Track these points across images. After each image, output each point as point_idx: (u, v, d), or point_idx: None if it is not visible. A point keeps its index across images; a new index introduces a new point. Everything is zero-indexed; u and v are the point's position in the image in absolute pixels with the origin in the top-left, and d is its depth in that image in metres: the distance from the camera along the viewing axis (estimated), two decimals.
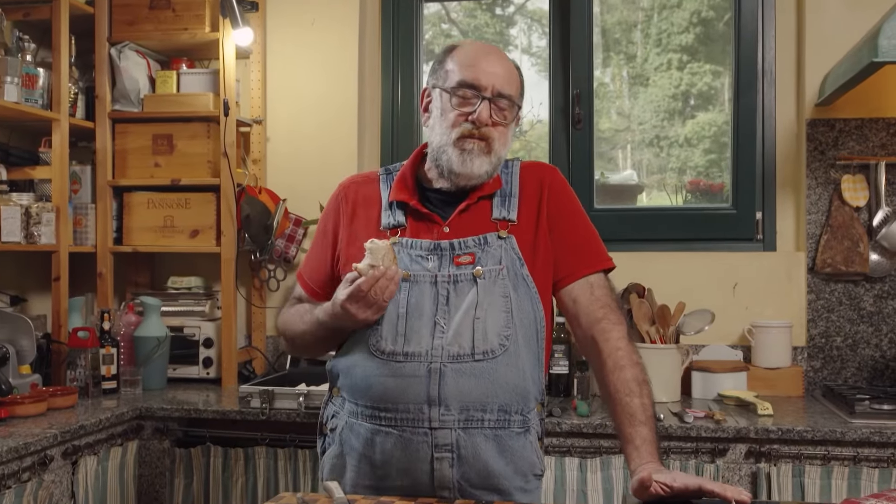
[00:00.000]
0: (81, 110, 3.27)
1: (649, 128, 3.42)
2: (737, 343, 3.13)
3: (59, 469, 2.43)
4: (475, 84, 1.75)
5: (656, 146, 3.44)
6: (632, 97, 3.45)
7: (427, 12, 3.64)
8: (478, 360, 1.71)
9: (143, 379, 3.07)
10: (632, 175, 3.51)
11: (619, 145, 3.50)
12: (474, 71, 1.76)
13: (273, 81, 3.47)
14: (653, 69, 3.40)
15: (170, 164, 3.26)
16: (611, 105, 3.49)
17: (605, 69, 3.50)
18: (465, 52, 1.80)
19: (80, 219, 3.25)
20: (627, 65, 3.46)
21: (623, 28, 3.44)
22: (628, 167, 3.51)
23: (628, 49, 3.46)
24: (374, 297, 1.64)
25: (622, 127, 3.47)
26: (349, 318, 1.69)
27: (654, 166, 3.45)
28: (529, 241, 1.81)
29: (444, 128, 1.78)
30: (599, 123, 3.46)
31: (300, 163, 3.43)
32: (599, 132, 3.46)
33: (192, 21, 3.21)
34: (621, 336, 1.75)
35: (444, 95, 1.79)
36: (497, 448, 1.73)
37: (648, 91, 3.41)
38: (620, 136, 3.47)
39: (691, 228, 3.27)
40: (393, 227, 1.83)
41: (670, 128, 3.40)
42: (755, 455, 2.49)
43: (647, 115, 3.41)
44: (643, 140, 3.46)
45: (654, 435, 1.63)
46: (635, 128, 3.45)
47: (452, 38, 3.65)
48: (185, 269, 3.45)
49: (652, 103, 3.41)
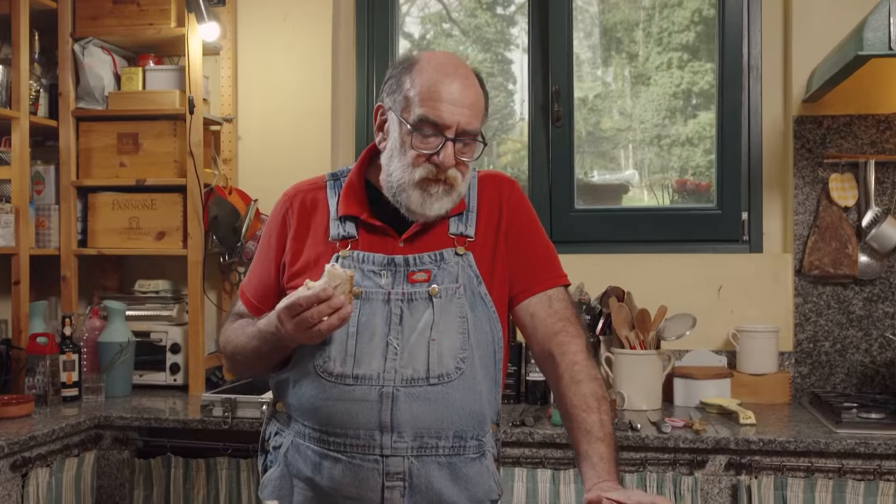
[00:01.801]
0: (45, 108, 3.16)
1: (650, 127, 3.33)
2: (721, 348, 3.02)
3: (8, 482, 2.33)
4: (437, 122, 1.60)
5: (657, 145, 3.35)
6: (633, 96, 3.36)
7: (428, 12, 3.54)
8: (433, 385, 1.60)
9: (107, 386, 2.96)
10: (633, 175, 3.41)
11: (620, 145, 3.40)
12: (436, 107, 1.59)
13: (244, 78, 3.36)
14: (654, 68, 3.32)
15: (135, 164, 3.15)
16: (612, 104, 3.40)
17: (607, 69, 3.44)
18: (426, 76, 1.62)
19: (42, 220, 3.15)
20: (629, 64, 3.37)
21: (625, 27, 3.37)
22: (630, 167, 3.42)
23: (630, 48, 3.37)
24: (310, 319, 1.50)
25: (624, 126, 3.38)
26: (285, 335, 1.56)
27: (655, 166, 3.36)
28: (487, 258, 1.71)
29: (404, 165, 1.63)
30: (601, 123, 3.40)
31: (272, 162, 3.32)
32: (601, 132, 3.39)
33: (157, 16, 3.11)
34: (579, 349, 1.65)
35: (402, 127, 1.63)
36: (451, 476, 1.63)
37: (650, 90, 3.33)
38: (622, 135, 3.39)
39: (675, 229, 3.17)
40: (343, 238, 1.71)
41: (672, 127, 3.30)
42: (735, 467, 2.39)
43: (649, 115, 3.34)
44: (644, 139, 3.36)
45: (613, 452, 1.53)
46: (637, 127, 3.36)
47: (454, 38, 3.56)
48: (153, 272, 3.34)
49: (653, 102, 3.34)
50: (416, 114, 1.61)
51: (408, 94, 1.62)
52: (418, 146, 1.62)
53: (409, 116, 1.62)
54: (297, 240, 1.74)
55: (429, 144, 1.61)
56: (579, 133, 3.34)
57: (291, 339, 1.57)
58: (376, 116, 1.71)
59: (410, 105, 1.62)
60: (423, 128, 1.61)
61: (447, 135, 1.60)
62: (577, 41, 3.39)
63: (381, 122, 1.70)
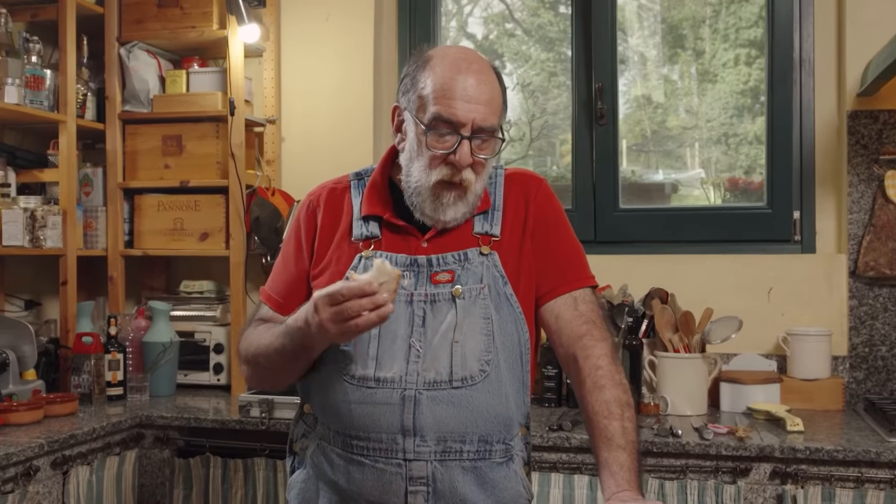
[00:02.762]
0: (92, 111, 3.21)
1: (717, 125, 3.24)
2: (771, 352, 2.92)
3: (49, 480, 2.36)
4: (452, 120, 1.55)
5: (724, 144, 3.26)
6: (700, 94, 3.28)
7: (491, 12, 3.51)
8: (456, 388, 1.56)
9: (151, 385, 3.01)
10: (699, 174, 3.33)
11: (686, 143, 3.32)
12: (450, 104, 1.55)
13: (287, 80, 3.37)
14: (721, 65, 3.23)
15: (179, 166, 3.19)
16: (679, 102, 3.32)
17: (673, 66, 3.36)
18: (440, 72, 1.58)
19: (90, 221, 3.20)
20: (696, 61, 3.29)
21: (690, 24, 3.28)
22: (696, 166, 3.33)
23: (696, 45, 3.28)
24: (349, 311, 1.43)
25: (690, 125, 3.30)
26: (316, 328, 1.48)
27: (722, 164, 3.27)
28: (514, 257, 1.66)
29: (422, 167, 1.60)
30: (668, 121, 3.32)
31: (315, 163, 3.32)
32: (667, 130, 3.32)
33: (199, 19, 3.13)
34: (603, 353, 1.59)
35: (418, 126, 1.59)
36: (476, 481, 1.58)
37: (716, 87, 3.24)
38: (688, 133, 3.31)
39: (723, 229, 3.07)
40: (366, 238, 1.68)
41: (739, 125, 3.20)
42: (781, 476, 2.29)
43: (716, 112, 3.24)
44: (711, 138, 3.27)
45: (635, 461, 1.47)
46: (703, 125, 3.28)
47: (516, 38, 3.52)
48: (198, 272, 3.37)
49: (720, 100, 3.24)
50: (431, 112, 1.57)
51: (422, 93, 1.59)
52: (434, 146, 1.57)
53: (423, 116, 1.58)
54: (322, 239, 1.72)
55: (445, 143, 1.57)
56: (644, 132, 3.28)
57: (322, 333, 1.48)
58: (393, 117, 1.68)
59: (425, 104, 1.58)
60: (438, 126, 1.56)
61: (463, 133, 1.56)
62: (642, 39, 3.32)
63: (398, 122, 1.67)
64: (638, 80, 3.39)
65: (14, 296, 3.26)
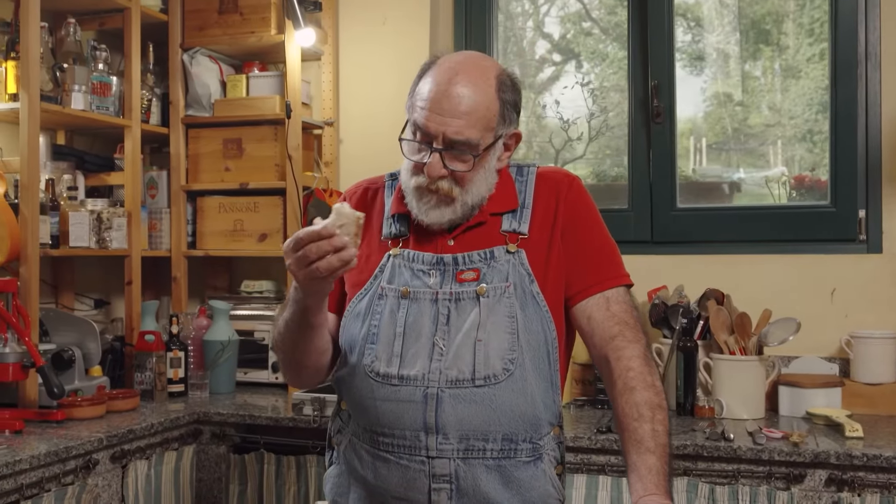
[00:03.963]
0: (157, 116, 3.31)
1: (801, 122, 3.16)
2: (834, 355, 2.83)
3: (108, 473, 2.44)
4: (424, 130, 1.57)
5: (809, 141, 3.17)
6: (783, 90, 3.20)
7: (568, 11, 3.51)
8: (479, 386, 1.56)
9: (211, 383, 3.08)
10: (782, 171, 3.25)
11: (768, 141, 3.25)
12: (424, 114, 1.56)
13: (345, 82, 3.42)
14: (805, 60, 3.15)
15: (239, 168, 3.26)
16: (761, 99, 3.25)
17: (755, 62, 3.29)
18: (428, 80, 1.59)
19: (154, 223, 3.30)
20: (779, 57, 3.21)
21: (774, 19, 3.20)
22: (779, 163, 3.25)
23: (780, 41, 3.21)
24: (309, 255, 1.42)
25: (773, 122, 3.22)
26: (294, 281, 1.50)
27: (806, 162, 3.18)
28: (542, 255, 1.65)
29: (405, 169, 1.64)
30: (750, 118, 3.25)
31: (372, 165, 3.29)
32: (749, 128, 3.25)
33: (258, 24, 3.20)
34: (635, 355, 1.56)
35: (406, 140, 1.62)
36: (500, 479, 1.58)
37: (800, 83, 3.16)
38: (771, 131, 3.23)
39: (784, 228, 2.99)
40: (395, 236, 1.70)
41: (824, 122, 3.11)
42: (837, 483, 2.22)
43: (800, 109, 3.16)
44: (795, 135, 3.19)
45: (665, 465, 1.44)
46: (786, 122, 3.20)
47: (593, 37, 3.50)
48: (258, 272, 3.45)
49: (804, 96, 3.15)
50: (410, 119, 1.60)
51: (413, 99, 1.61)
52: (407, 154, 1.61)
53: (407, 120, 1.61)
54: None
55: (415, 152, 1.60)
56: (725, 130, 3.21)
57: (295, 282, 1.50)
58: None
59: (413, 107, 1.60)
60: (414, 133, 1.59)
61: (434, 145, 1.57)
62: (724, 36, 3.25)
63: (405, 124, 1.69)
64: (719, 77, 3.32)
65: (84, 295, 3.38)
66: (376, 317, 1.63)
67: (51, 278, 3.20)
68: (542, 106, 3.55)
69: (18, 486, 2.15)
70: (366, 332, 1.63)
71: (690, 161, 3.38)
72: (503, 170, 1.71)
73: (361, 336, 1.64)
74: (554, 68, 3.61)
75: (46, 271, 3.15)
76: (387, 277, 1.65)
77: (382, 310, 1.63)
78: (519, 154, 3.54)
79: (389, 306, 1.63)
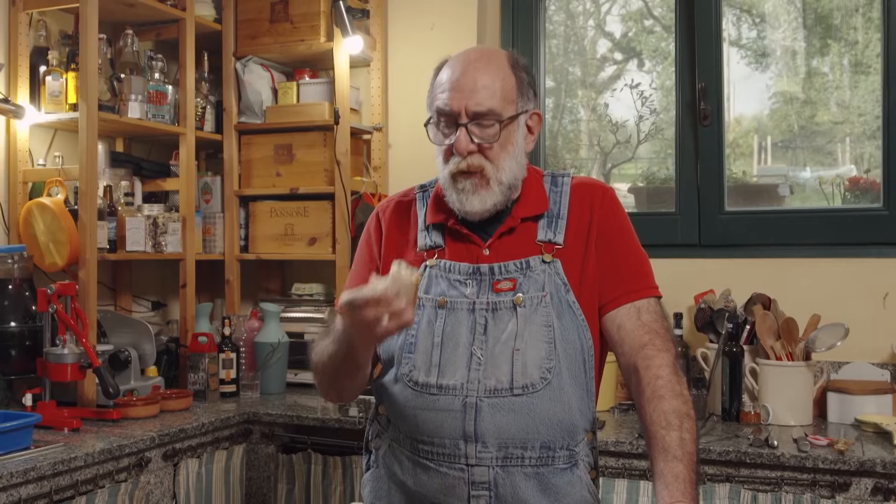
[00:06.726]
0: (211, 123, 3.40)
1: (871, 119, 3.11)
2: (885, 361, 2.77)
3: (160, 470, 2.52)
4: (447, 111, 1.62)
5: (878, 138, 3.11)
6: (852, 87, 3.15)
7: (629, 10, 3.52)
8: (517, 395, 1.58)
9: (262, 384, 3.15)
10: (851, 170, 3.20)
11: (837, 139, 3.20)
12: (445, 96, 1.62)
13: (394, 88, 3.46)
14: (875, 55, 3.09)
15: (289, 173, 3.33)
16: (829, 96, 3.21)
17: (823, 58, 3.24)
18: (444, 71, 1.66)
19: (208, 227, 3.39)
20: (848, 52, 3.16)
21: (843, 13, 3.15)
22: (847, 162, 3.20)
23: (849, 36, 3.16)
24: (365, 319, 1.41)
25: (841, 119, 3.17)
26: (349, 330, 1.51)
27: (876, 160, 3.12)
28: (577, 265, 1.66)
29: (440, 162, 1.68)
30: (817, 116, 3.20)
31: (421, 170, 3.33)
32: (816, 125, 3.20)
33: (307, 32, 3.26)
34: (664, 364, 1.57)
35: (431, 127, 1.68)
36: (539, 486, 1.60)
37: (870, 79, 3.10)
38: (839, 128, 3.19)
39: (834, 232, 2.93)
40: (430, 248, 1.72)
41: None
42: (884, 492, 2.18)
43: (869, 106, 3.10)
44: (865, 132, 3.14)
45: (692, 473, 1.44)
46: (854, 119, 3.14)
47: (655, 35, 3.50)
48: (309, 275, 3.52)
49: (873, 93, 3.09)
50: (433, 108, 1.65)
51: (432, 92, 1.67)
52: (437, 139, 1.65)
53: (430, 114, 1.67)
54: (388, 250, 1.77)
55: (445, 135, 1.64)
56: (791, 128, 3.17)
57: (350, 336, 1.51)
58: None
59: (433, 102, 1.66)
60: (438, 119, 1.64)
61: (460, 121, 1.61)
62: (791, 32, 3.21)
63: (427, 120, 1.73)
64: (784, 74, 3.27)
65: (141, 297, 3.49)
66: (414, 327, 1.65)
67: (110, 281, 3.32)
68: (605, 105, 3.54)
69: (74, 482, 2.24)
70: (403, 341, 1.66)
71: (755, 160, 3.34)
72: (533, 173, 1.73)
73: (399, 346, 1.66)
74: (615, 67, 3.60)
75: (106, 274, 3.26)
76: (423, 288, 1.68)
77: (420, 320, 1.65)
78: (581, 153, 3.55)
79: (427, 316, 1.65)
